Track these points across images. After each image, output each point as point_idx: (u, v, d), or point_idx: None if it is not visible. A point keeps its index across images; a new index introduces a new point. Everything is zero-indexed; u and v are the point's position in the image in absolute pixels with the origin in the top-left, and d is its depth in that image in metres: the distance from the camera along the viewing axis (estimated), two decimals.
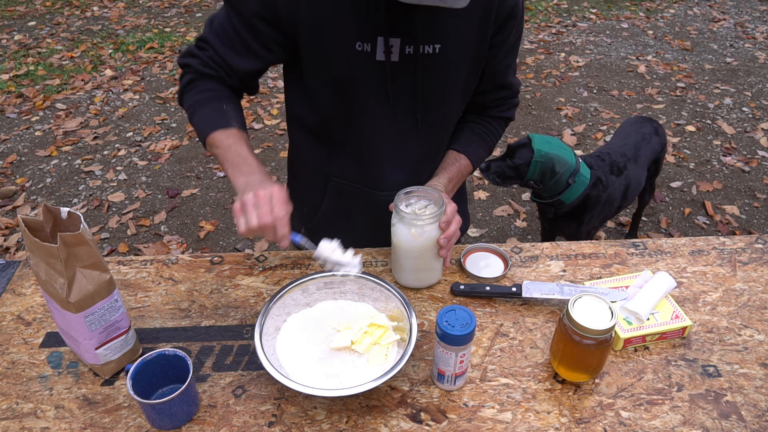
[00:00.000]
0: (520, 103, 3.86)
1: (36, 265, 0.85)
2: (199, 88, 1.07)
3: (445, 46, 1.02)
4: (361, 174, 1.17)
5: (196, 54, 1.06)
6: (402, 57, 1.01)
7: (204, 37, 1.06)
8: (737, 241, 1.21)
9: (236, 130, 1.04)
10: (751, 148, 3.40)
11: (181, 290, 1.11)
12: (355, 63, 1.01)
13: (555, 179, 1.97)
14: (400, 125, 1.10)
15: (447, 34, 1.01)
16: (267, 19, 0.99)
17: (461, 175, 1.20)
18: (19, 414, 0.89)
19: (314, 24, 0.99)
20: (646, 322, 0.98)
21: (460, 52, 1.04)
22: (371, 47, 1.00)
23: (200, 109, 1.06)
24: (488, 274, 1.12)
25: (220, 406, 0.90)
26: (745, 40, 4.83)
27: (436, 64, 1.03)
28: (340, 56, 1.01)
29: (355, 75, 1.03)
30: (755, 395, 0.90)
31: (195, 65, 1.06)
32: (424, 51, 1.01)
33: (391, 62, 1.01)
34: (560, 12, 5.45)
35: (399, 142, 1.13)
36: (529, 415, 0.88)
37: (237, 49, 1.04)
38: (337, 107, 1.09)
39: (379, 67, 1.02)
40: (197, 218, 2.95)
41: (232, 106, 1.07)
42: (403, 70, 1.03)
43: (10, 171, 3.30)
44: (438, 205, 1.01)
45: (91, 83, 4.26)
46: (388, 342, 0.94)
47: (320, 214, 1.25)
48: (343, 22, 0.98)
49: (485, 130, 1.23)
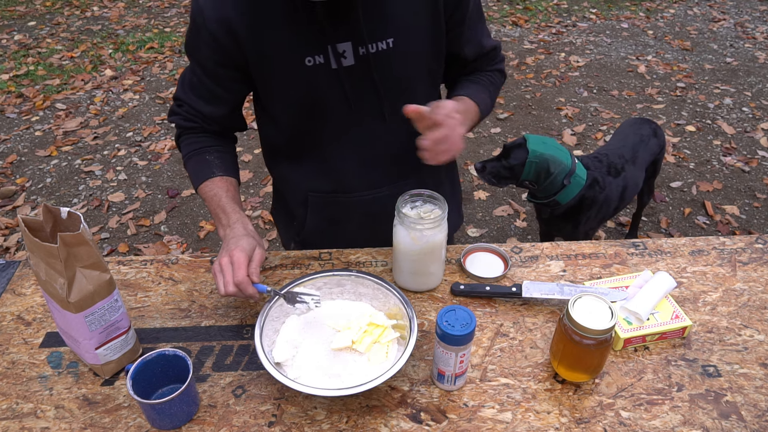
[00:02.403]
0: (520, 103, 3.88)
1: (36, 265, 0.85)
2: (185, 143, 1.15)
3: (398, 38, 1.02)
4: (337, 183, 1.18)
5: (177, 111, 1.14)
6: (357, 59, 1.01)
7: (177, 95, 1.14)
8: (737, 241, 1.21)
9: (218, 178, 1.10)
10: (751, 148, 3.40)
11: (181, 290, 1.11)
12: (310, 78, 1.02)
13: (550, 180, 1.97)
14: (368, 126, 1.10)
15: (397, 27, 1.01)
16: (222, 63, 1.04)
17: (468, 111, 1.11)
18: (19, 414, 0.89)
19: (259, 52, 1.01)
20: (646, 322, 0.98)
21: (415, 42, 1.04)
22: (324, 58, 1.00)
23: (188, 165, 1.15)
24: (488, 274, 1.12)
25: (220, 406, 0.90)
26: (745, 40, 4.83)
27: (392, 59, 1.03)
28: (292, 76, 1.02)
29: (313, 90, 1.04)
30: (755, 395, 0.90)
31: (179, 122, 1.15)
32: (377, 48, 1.01)
33: (345, 68, 1.02)
34: (560, 12, 5.45)
35: (369, 143, 1.13)
36: (529, 415, 0.88)
37: (205, 97, 1.10)
38: (302, 126, 1.11)
39: (335, 75, 1.02)
40: (197, 218, 2.95)
41: (216, 155, 1.13)
42: (360, 72, 1.03)
43: (10, 171, 3.30)
44: (441, 210, 1.01)
45: (91, 83, 4.26)
46: (388, 340, 0.94)
47: (307, 228, 1.26)
48: (286, 41, 0.99)
49: (480, 78, 1.20)
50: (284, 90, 1.05)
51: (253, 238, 0.99)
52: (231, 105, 1.13)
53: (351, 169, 1.16)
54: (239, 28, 0.98)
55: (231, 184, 1.11)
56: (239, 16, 0.97)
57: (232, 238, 0.98)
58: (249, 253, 0.95)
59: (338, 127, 1.10)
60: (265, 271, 1.15)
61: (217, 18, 0.97)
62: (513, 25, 5.16)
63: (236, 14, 0.97)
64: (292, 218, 1.29)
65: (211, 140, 1.15)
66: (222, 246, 1.00)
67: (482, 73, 1.21)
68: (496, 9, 5.51)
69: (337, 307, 1.03)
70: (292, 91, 1.05)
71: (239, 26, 0.98)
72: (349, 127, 1.10)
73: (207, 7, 0.98)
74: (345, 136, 1.11)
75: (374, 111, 1.09)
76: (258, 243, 0.99)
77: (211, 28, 0.98)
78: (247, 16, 0.97)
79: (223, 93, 1.09)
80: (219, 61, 1.03)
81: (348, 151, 1.14)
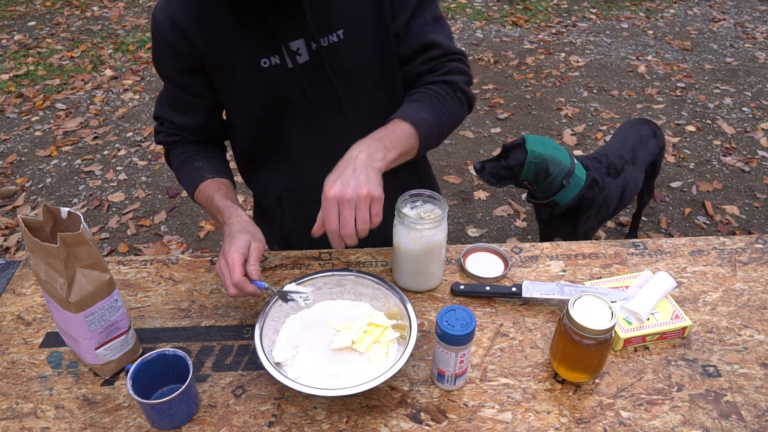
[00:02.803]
0: (520, 103, 3.88)
1: (36, 265, 0.85)
2: (173, 157, 1.17)
3: (348, 29, 1.01)
4: (307, 181, 1.17)
5: (160, 130, 1.17)
6: (311, 55, 1.01)
7: (156, 114, 1.16)
8: (737, 241, 1.21)
9: (209, 181, 1.10)
10: (751, 148, 3.40)
11: (181, 290, 1.11)
12: (268, 79, 1.03)
13: (549, 180, 1.97)
14: (330, 121, 1.10)
15: (345, 18, 1.01)
16: (185, 71, 1.05)
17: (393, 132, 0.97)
18: (19, 414, 0.89)
19: (215, 57, 1.02)
20: (646, 322, 0.98)
21: (364, 30, 1.03)
22: (279, 58, 1.01)
23: (180, 177, 1.16)
24: (488, 274, 1.12)
25: (220, 406, 0.90)
26: (745, 40, 4.83)
27: (344, 50, 1.03)
28: (250, 79, 1.03)
29: (273, 91, 1.04)
30: (755, 395, 0.90)
31: (163, 139, 1.17)
32: (328, 42, 1.01)
33: (301, 65, 1.02)
34: (560, 12, 5.45)
35: (333, 139, 1.11)
36: (529, 415, 0.88)
37: (180, 109, 1.12)
38: (266, 128, 1.12)
39: (293, 74, 1.03)
40: (197, 218, 2.95)
41: (203, 160, 1.14)
42: (315, 67, 1.03)
43: (10, 171, 3.30)
44: (441, 210, 1.01)
45: (91, 83, 4.26)
46: (388, 340, 0.94)
47: (287, 228, 1.27)
48: (239, 45, 1.00)
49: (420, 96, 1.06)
50: (244, 94, 1.06)
51: (247, 232, 0.97)
52: (206, 112, 1.13)
53: (318, 166, 1.15)
54: (192, 33, 0.99)
55: (222, 183, 1.11)
56: (191, 23, 0.98)
57: (228, 236, 0.97)
58: (244, 251, 0.94)
59: (302, 126, 1.10)
60: (266, 271, 1.15)
61: (171, 27, 0.99)
62: (513, 25, 5.16)
63: (188, 21, 0.98)
64: (272, 220, 1.29)
65: (198, 149, 1.16)
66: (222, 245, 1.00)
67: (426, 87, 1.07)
68: (496, 9, 5.51)
69: (337, 307, 1.03)
70: (253, 94, 1.05)
71: (192, 32, 0.99)
72: (312, 124, 1.10)
73: (161, 18, 1.00)
74: (309, 133, 1.12)
75: (334, 106, 1.09)
76: (253, 236, 0.97)
77: (168, 39, 1.00)
78: (199, 22, 0.98)
79: (195, 101, 1.10)
80: (182, 69, 1.04)
81: (314, 149, 1.14)
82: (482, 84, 4.15)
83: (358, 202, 0.86)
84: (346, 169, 0.88)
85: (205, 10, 0.98)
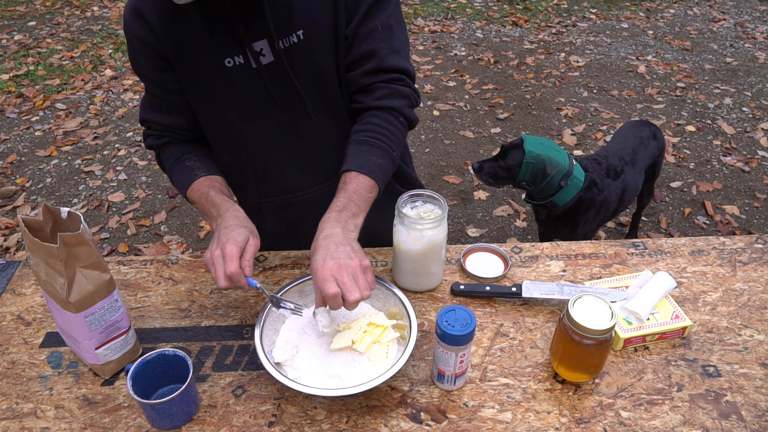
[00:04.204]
0: (520, 103, 3.88)
1: (36, 265, 0.85)
2: (165, 158, 1.15)
3: (307, 29, 1.02)
4: (281, 185, 1.18)
5: (148, 134, 1.16)
6: (275, 54, 1.01)
7: (142, 119, 1.15)
8: (737, 241, 1.21)
9: (202, 178, 1.09)
10: (751, 148, 3.40)
11: (181, 290, 1.11)
12: (233, 80, 1.03)
13: (546, 181, 1.96)
14: (297, 123, 1.10)
15: (303, 18, 1.01)
16: (161, 68, 1.04)
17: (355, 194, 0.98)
18: (19, 414, 0.89)
19: (180, 58, 1.02)
20: (646, 322, 0.98)
21: (322, 32, 1.03)
22: (243, 58, 1.01)
23: (173, 177, 1.14)
24: (488, 274, 1.12)
25: (220, 406, 0.90)
26: (745, 40, 4.83)
27: (304, 50, 1.03)
28: (215, 79, 1.03)
29: (238, 91, 1.04)
30: (755, 395, 0.90)
31: (153, 142, 1.16)
32: (289, 42, 1.01)
33: (264, 66, 1.02)
34: (560, 12, 5.45)
35: (302, 140, 1.12)
36: (529, 415, 0.88)
37: (164, 109, 1.11)
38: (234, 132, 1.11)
39: (256, 74, 1.03)
40: (197, 218, 2.95)
41: (194, 159, 1.13)
42: (279, 68, 1.03)
43: (10, 171, 3.30)
44: (441, 210, 1.01)
45: (91, 83, 4.26)
46: (388, 340, 0.94)
47: (269, 233, 1.25)
48: (203, 45, 1.00)
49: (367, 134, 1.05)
50: (210, 94, 1.05)
51: (245, 227, 0.96)
52: (188, 110, 1.11)
53: (290, 169, 1.16)
54: (157, 27, 0.99)
55: (216, 181, 1.10)
56: (155, 18, 0.99)
57: (224, 228, 0.95)
58: (241, 245, 0.92)
59: (270, 128, 1.10)
60: (266, 271, 1.15)
61: (141, 25, 0.99)
62: (513, 25, 5.16)
63: (152, 15, 0.99)
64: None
65: (188, 147, 1.15)
66: (213, 237, 0.97)
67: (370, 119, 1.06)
68: (496, 9, 5.51)
69: None
70: (218, 94, 1.05)
71: (157, 26, 0.99)
72: (280, 126, 1.10)
73: (130, 19, 1.00)
74: (278, 135, 1.11)
75: (299, 107, 1.08)
76: (251, 232, 0.96)
77: (140, 37, 1.00)
78: (163, 19, 0.99)
79: (176, 99, 1.09)
80: (156, 66, 1.04)
81: (284, 151, 1.14)
82: (482, 84, 4.15)
83: (353, 271, 0.86)
84: (329, 247, 0.88)
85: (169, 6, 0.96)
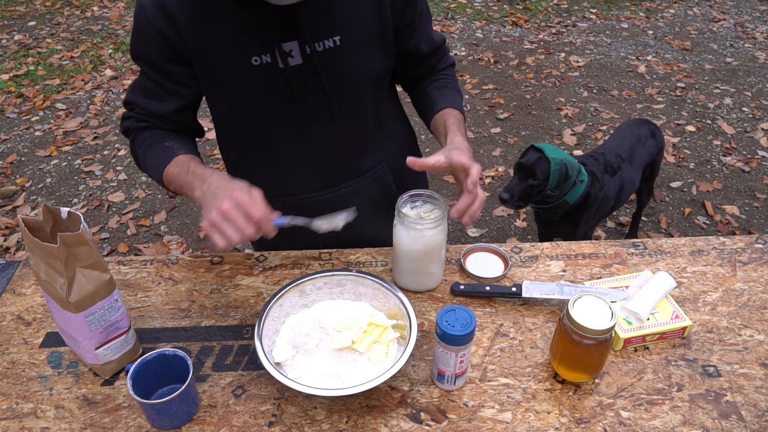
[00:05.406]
0: (520, 103, 3.88)
1: (36, 265, 0.85)
2: (140, 140, 1.10)
3: (345, 36, 1.02)
4: (291, 186, 1.17)
5: (129, 116, 1.11)
6: (304, 58, 1.01)
7: (128, 100, 1.11)
8: (737, 241, 1.21)
9: (182, 156, 1.04)
10: (751, 148, 3.40)
11: (181, 290, 1.11)
12: (257, 78, 1.02)
13: (568, 182, 1.96)
14: (317, 126, 1.10)
15: (342, 24, 1.01)
16: (170, 59, 1.02)
17: (462, 124, 1.15)
18: (19, 414, 0.89)
19: (204, 51, 1.00)
20: (646, 322, 0.98)
21: (362, 39, 1.04)
22: (270, 57, 1.00)
23: (147, 158, 1.08)
24: (488, 274, 1.12)
25: (220, 406, 0.90)
26: (745, 40, 4.83)
27: (339, 56, 1.03)
28: (239, 75, 1.02)
29: (260, 90, 1.04)
30: (755, 395, 0.90)
31: (132, 125, 1.11)
32: (324, 47, 1.01)
33: (292, 67, 1.01)
34: (560, 12, 5.45)
35: (320, 143, 1.12)
36: (529, 415, 0.88)
37: (158, 96, 1.07)
38: (250, 127, 1.10)
39: (282, 75, 1.02)
40: (197, 218, 2.95)
41: (175, 140, 1.09)
42: (307, 71, 1.02)
43: (10, 171, 3.30)
44: (441, 210, 1.01)
45: (91, 83, 4.26)
46: (388, 340, 0.94)
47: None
48: (231, 40, 0.99)
49: (446, 82, 1.23)
50: (231, 89, 1.04)
51: (240, 181, 0.89)
52: (183, 101, 1.08)
53: (304, 171, 1.15)
54: (183, 23, 0.97)
55: (196, 159, 1.05)
56: (182, 12, 0.97)
57: (218, 188, 0.88)
58: (249, 193, 0.86)
59: (289, 128, 1.09)
60: (265, 271, 1.15)
61: (161, 15, 0.97)
62: (513, 25, 5.16)
63: (179, 10, 0.96)
64: None
65: (168, 133, 1.10)
66: (206, 201, 0.88)
67: (442, 74, 1.23)
68: (496, 9, 5.51)
69: (337, 307, 1.03)
70: (240, 90, 1.04)
71: (183, 21, 0.97)
72: (299, 127, 1.09)
73: (149, 5, 0.97)
74: (295, 137, 1.11)
75: (322, 111, 1.08)
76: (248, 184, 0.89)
77: (156, 26, 0.97)
78: (191, 12, 0.97)
79: (176, 87, 1.06)
80: (168, 57, 1.01)
81: (299, 153, 1.13)
82: (482, 84, 4.15)
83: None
84: (467, 151, 1.01)
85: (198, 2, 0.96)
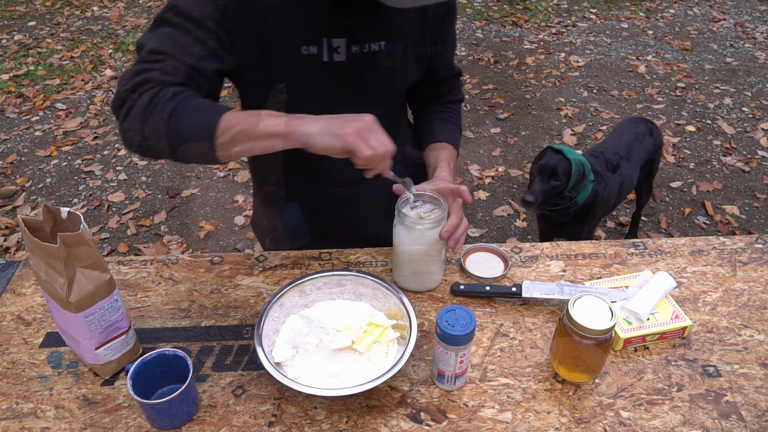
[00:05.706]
0: (520, 103, 3.88)
1: (36, 265, 0.85)
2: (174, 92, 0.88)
3: (390, 42, 1.03)
4: (313, 175, 1.18)
5: (153, 68, 0.89)
6: (349, 56, 1.02)
7: (154, 48, 0.90)
8: (737, 241, 1.21)
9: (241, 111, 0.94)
10: (751, 148, 3.40)
11: (181, 290, 1.11)
12: (303, 67, 1.02)
13: (583, 182, 1.96)
14: None
15: (391, 31, 1.03)
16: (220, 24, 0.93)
17: (453, 161, 1.21)
18: (19, 414, 0.89)
19: (263, 32, 0.98)
20: (646, 322, 0.98)
21: (403, 48, 1.06)
22: (317, 49, 1.01)
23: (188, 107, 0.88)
24: (488, 274, 1.12)
25: (220, 406, 0.90)
26: (745, 40, 4.83)
27: (380, 60, 1.04)
28: (289, 62, 1.02)
29: (302, 79, 1.04)
30: (755, 395, 0.90)
31: (157, 77, 0.88)
32: (370, 49, 1.03)
33: (335, 63, 1.02)
34: (560, 12, 5.45)
35: None
36: (529, 415, 0.88)
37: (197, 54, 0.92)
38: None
39: (324, 69, 1.02)
40: (197, 218, 2.95)
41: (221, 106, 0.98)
42: (349, 69, 1.03)
43: (10, 171, 3.30)
44: (441, 210, 1.01)
45: (91, 83, 4.26)
46: (388, 340, 0.94)
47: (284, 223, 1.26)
48: (290, 27, 0.99)
49: (451, 116, 1.27)
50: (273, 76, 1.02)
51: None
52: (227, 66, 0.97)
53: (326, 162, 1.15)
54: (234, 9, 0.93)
55: None
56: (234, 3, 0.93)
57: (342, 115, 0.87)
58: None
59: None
60: (265, 271, 1.15)
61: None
62: (513, 25, 5.16)
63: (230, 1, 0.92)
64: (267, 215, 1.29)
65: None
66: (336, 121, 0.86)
67: (449, 107, 1.27)
68: (496, 9, 5.51)
69: (337, 307, 1.03)
70: (282, 78, 1.03)
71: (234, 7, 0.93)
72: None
73: None
74: None
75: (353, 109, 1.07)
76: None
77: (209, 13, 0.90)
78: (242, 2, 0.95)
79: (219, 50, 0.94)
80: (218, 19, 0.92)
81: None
82: (482, 84, 4.15)
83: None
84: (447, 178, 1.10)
85: None
